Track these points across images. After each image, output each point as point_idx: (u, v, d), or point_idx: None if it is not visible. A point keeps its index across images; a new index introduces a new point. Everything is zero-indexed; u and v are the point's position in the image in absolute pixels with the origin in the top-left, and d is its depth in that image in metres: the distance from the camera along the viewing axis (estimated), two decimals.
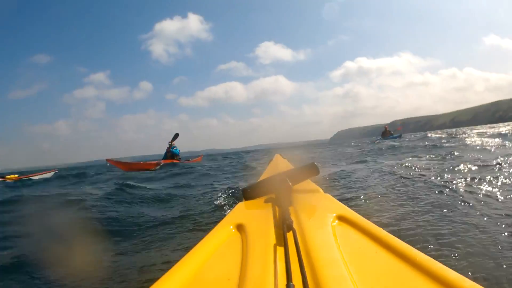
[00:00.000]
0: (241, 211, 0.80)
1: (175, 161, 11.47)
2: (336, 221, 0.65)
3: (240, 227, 0.65)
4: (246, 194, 0.92)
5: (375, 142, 16.07)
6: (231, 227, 0.65)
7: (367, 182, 3.23)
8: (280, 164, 1.65)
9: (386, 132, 17.81)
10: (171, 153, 11.82)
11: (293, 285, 0.39)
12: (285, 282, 0.41)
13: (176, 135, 12.30)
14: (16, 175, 10.09)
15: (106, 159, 10.44)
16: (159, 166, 10.03)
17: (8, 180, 9.21)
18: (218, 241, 0.59)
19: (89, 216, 2.40)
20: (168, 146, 11.93)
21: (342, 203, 0.77)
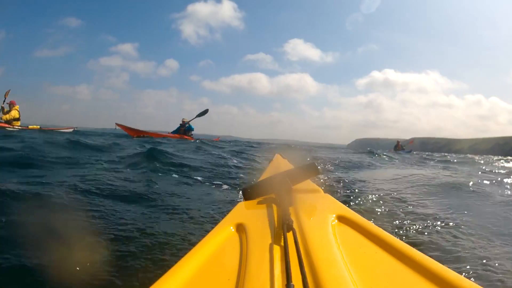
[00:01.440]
0: (241, 211, 0.80)
1: (188, 137, 10.88)
2: (336, 221, 0.65)
3: (240, 227, 0.65)
4: (246, 194, 0.92)
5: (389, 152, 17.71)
6: (231, 227, 0.65)
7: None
8: (280, 164, 1.65)
9: (398, 146, 19.75)
10: (185, 129, 11.17)
11: (293, 285, 0.39)
12: (285, 282, 0.41)
13: (206, 111, 11.43)
14: (38, 126, 10.56)
15: (115, 123, 10.32)
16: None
17: (30, 128, 9.74)
18: (218, 241, 0.59)
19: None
20: (183, 122, 11.33)
21: (342, 202, 0.77)
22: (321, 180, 3.31)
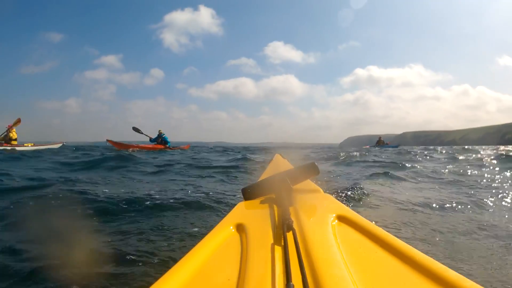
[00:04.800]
0: (241, 211, 0.80)
1: (162, 147, 12.94)
2: (336, 221, 0.65)
3: (240, 227, 0.65)
4: (246, 194, 0.92)
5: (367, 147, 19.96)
6: (231, 227, 0.65)
7: None
8: (280, 164, 1.65)
9: (380, 141, 22.74)
10: (161, 139, 13.18)
11: (293, 285, 0.39)
12: (285, 282, 0.41)
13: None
14: (32, 143, 11.91)
15: (106, 140, 12.28)
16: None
17: (25, 146, 11.24)
18: (218, 241, 0.59)
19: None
20: (159, 133, 13.30)
21: (342, 201, 0.77)
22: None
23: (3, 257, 1.41)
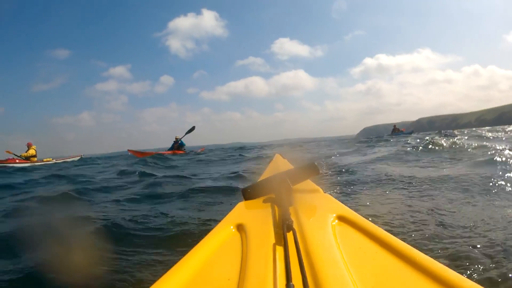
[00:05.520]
0: (241, 211, 0.80)
1: (181, 152, 13.56)
2: (336, 221, 0.65)
3: (240, 227, 0.65)
4: (246, 194, 0.92)
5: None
6: (231, 227, 0.65)
7: None
8: (280, 164, 1.65)
9: (395, 129, 22.88)
10: (178, 144, 13.94)
11: (293, 285, 0.39)
12: (285, 282, 0.41)
13: (192, 128, 14.24)
14: (51, 158, 12.33)
15: (128, 150, 13.02)
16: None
17: (45, 162, 11.60)
18: (218, 241, 0.59)
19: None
20: (176, 139, 14.10)
21: (342, 201, 0.77)
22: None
23: None
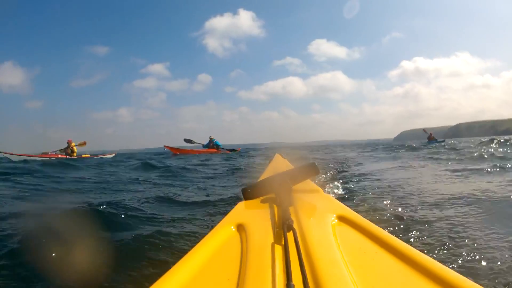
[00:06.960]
0: (241, 211, 0.80)
1: (214, 151, 14.97)
2: (336, 221, 0.65)
3: (240, 227, 0.65)
4: (246, 194, 0.92)
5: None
6: (231, 227, 0.65)
7: None
8: (280, 164, 1.66)
9: (431, 137, 22.63)
10: (213, 144, 15.47)
11: (293, 285, 0.39)
12: (285, 282, 0.41)
13: (234, 150, 15.73)
14: (89, 155, 13.15)
15: (164, 145, 14.30)
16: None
17: (83, 157, 12.36)
18: (218, 241, 0.59)
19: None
20: (210, 139, 15.57)
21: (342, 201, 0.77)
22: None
23: None
